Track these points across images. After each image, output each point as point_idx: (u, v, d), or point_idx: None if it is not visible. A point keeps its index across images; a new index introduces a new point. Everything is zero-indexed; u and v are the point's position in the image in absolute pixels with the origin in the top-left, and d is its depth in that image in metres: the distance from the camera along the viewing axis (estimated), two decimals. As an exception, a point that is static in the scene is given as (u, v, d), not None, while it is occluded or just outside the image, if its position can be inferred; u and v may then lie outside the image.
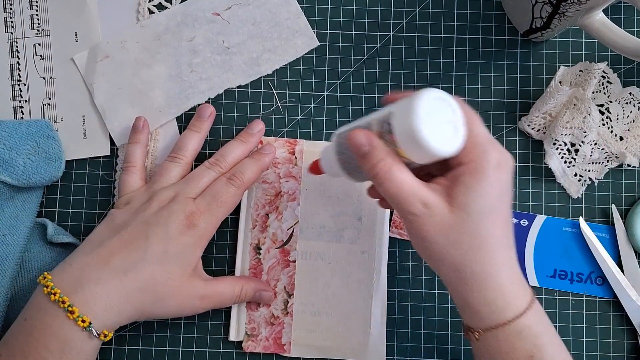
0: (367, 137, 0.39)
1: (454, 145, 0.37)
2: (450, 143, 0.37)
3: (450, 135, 0.37)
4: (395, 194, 0.38)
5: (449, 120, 0.37)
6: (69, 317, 0.41)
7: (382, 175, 0.38)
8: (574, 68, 0.52)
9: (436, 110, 0.36)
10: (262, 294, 0.50)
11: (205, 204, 0.47)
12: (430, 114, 0.36)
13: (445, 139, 0.36)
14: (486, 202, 0.37)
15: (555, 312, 0.51)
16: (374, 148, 0.39)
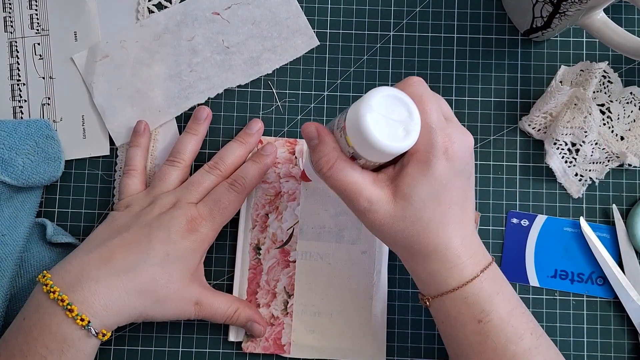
0: (317, 130, 0.40)
1: (400, 145, 0.36)
2: (398, 140, 0.36)
3: (400, 133, 0.37)
4: (339, 189, 0.39)
5: (401, 120, 0.37)
6: (68, 315, 0.41)
7: (325, 170, 0.39)
8: (574, 67, 0.52)
9: (390, 107, 0.37)
10: (254, 325, 0.49)
11: (207, 209, 0.47)
12: (382, 108, 0.36)
13: (394, 136, 0.36)
14: (430, 189, 0.38)
15: (555, 312, 0.51)
16: (322, 142, 0.39)
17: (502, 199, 0.52)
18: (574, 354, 0.50)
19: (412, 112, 0.37)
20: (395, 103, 0.37)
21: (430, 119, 0.38)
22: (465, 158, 0.39)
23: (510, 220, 0.52)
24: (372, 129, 0.36)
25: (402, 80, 0.40)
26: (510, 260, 0.51)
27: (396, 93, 0.37)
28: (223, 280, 0.51)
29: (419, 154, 0.38)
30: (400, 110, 0.37)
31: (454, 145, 0.38)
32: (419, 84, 0.39)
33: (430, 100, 0.38)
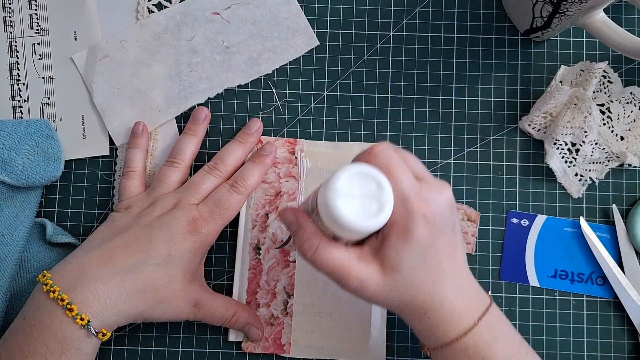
0: (294, 215, 0.39)
1: (376, 221, 0.36)
2: (371, 218, 0.36)
3: (372, 210, 0.36)
4: (327, 272, 0.38)
5: (372, 195, 0.36)
6: (68, 314, 0.41)
7: (309, 255, 0.38)
8: (574, 67, 0.52)
9: (358, 184, 0.36)
10: (252, 329, 0.49)
11: (208, 210, 0.47)
12: (350, 189, 0.36)
13: (368, 214, 0.36)
14: (416, 255, 0.38)
15: (555, 312, 0.51)
16: (300, 227, 0.39)
17: (502, 199, 0.52)
18: (574, 354, 0.50)
19: (382, 185, 0.36)
20: (363, 179, 0.36)
21: (401, 187, 0.37)
22: (444, 214, 0.38)
23: (510, 220, 0.52)
24: (344, 213, 0.35)
25: (367, 150, 0.39)
26: (510, 260, 0.51)
27: (361, 169, 0.36)
28: (223, 280, 0.51)
29: (398, 224, 0.37)
30: (369, 186, 0.36)
31: (431, 207, 0.37)
32: (384, 152, 0.38)
33: (398, 167, 0.38)
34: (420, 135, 0.53)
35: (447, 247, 0.39)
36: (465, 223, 0.52)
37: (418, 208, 0.37)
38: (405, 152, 0.40)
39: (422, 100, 0.53)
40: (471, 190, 0.52)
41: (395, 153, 0.39)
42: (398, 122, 0.53)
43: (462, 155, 0.53)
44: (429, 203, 0.37)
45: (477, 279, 0.51)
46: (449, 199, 0.39)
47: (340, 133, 0.53)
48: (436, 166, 0.52)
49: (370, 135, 0.53)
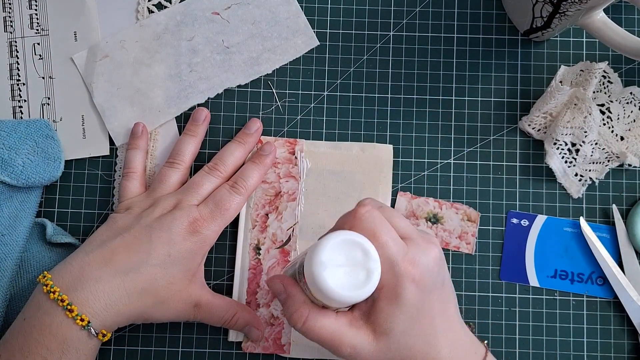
0: (283, 284, 0.39)
1: (364, 290, 0.35)
2: (359, 288, 0.35)
3: (360, 279, 0.35)
4: (319, 342, 0.38)
5: (359, 262, 0.35)
6: (68, 315, 0.41)
7: (300, 326, 0.38)
8: (574, 67, 0.52)
9: (344, 253, 0.35)
10: (252, 330, 0.49)
11: (208, 211, 0.47)
12: (336, 258, 0.35)
13: (356, 283, 0.35)
14: (407, 318, 0.37)
15: (555, 312, 0.51)
16: (289, 297, 0.39)
17: (502, 199, 0.52)
18: (574, 354, 0.50)
19: (368, 251, 0.36)
20: (348, 247, 0.36)
21: (388, 252, 0.37)
22: (433, 274, 0.38)
23: (510, 220, 0.52)
24: (332, 286, 0.35)
25: (351, 213, 0.39)
26: (510, 260, 0.51)
27: (346, 237, 0.36)
28: (223, 280, 0.51)
29: (387, 288, 0.37)
30: (355, 254, 0.36)
31: (419, 268, 0.37)
32: (368, 215, 0.38)
33: (383, 231, 0.37)
34: (420, 135, 0.53)
35: (438, 305, 0.39)
36: (465, 223, 0.52)
37: (406, 271, 0.37)
38: (390, 209, 0.40)
39: (422, 100, 0.53)
40: (471, 190, 0.52)
41: (380, 214, 0.38)
42: (398, 122, 0.53)
43: (462, 155, 0.53)
44: (417, 265, 0.37)
45: (477, 279, 0.51)
46: (436, 257, 0.38)
47: (340, 133, 0.53)
48: (436, 166, 0.52)
49: (370, 135, 0.53)
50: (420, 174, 0.52)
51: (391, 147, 0.52)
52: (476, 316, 0.51)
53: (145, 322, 0.46)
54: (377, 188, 0.52)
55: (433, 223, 0.52)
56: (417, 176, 0.52)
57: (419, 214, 0.52)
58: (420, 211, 0.52)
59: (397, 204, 0.52)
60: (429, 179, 0.52)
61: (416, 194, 0.52)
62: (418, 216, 0.52)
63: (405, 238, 0.39)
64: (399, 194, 0.52)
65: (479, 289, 0.51)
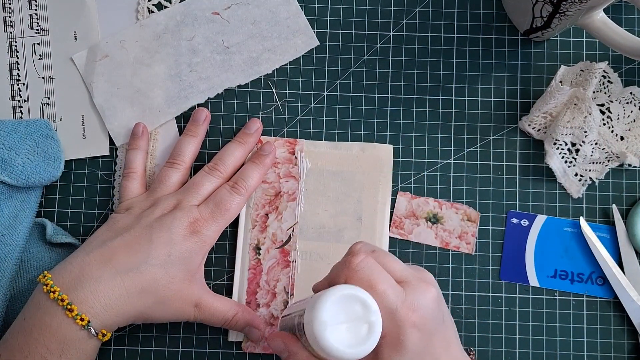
0: (284, 342, 0.39)
1: (368, 345, 0.35)
2: (362, 343, 0.35)
3: (363, 332, 0.35)
4: None
5: (359, 316, 0.35)
6: (68, 315, 0.41)
7: None
8: (574, 67, 0.52)
9: (343, 309, 0.35)
10: (253, 330, 0.49)
11: (208, 211, 0.47)
12: (336, 316, 0.35)
13: (358, 339, 0.35)
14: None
15: (555, 312, 0.51)
16: (291, 355, 0.39)
17: (502, 199, 0.52)
18: (574, 354, 0.50)
19: (368, 305, 0.35)
20: (347, 302, 0.35)
21: (387, 301, 0.36)
22: (433, 314, 0.38)
23: (510, 220, 0.52)
24: (335, 346, 0.34)
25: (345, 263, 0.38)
26: (510, 260, 0.51)
27: (344, 292, 0.35)
28: (223, 280, 0.51)
29: (389, 337, 0.37)
30: (355, 308, 0.35)
31: (419, 312, 0.37)
32: (363, 265, 0.37)
33: (379, 280, 0.37)
34: (420, 135, 0.53)
35: (441, 344, 0.39)
36: (465, 223, 0.52)
37: (407, 318, 0.36)
38: (383, 253, 0.39)
39: (422, 100, 0.53)
40: (471, 190, 0.52)
41: (374, 261, 0.38)
42: (398, 122, 0.53)
43: (462, 155, 0.53)
44: (416, 309, 0.37)
45: (477, 279, 0.51)
46: (434, 297, 0.38)
47: (340, 133, 0.53)
48: (436, 166, 0.52)
49: (370, 135, 0.53)
50: (420, 174, 0.52)
51: (391, 147, 0.52)
52: (476, 316, 0.51)
53: (145, 322, 0.46)
54: (377, 188, 0.52)
55: (433, 223, 0.52)
56: (417, 176, 0.52)
57: (419, 214, 0.52)
58: (420, 211, 0.52)
59: (397, 204, 0.52)
60: (429, 179, 0.52)
61: (416, 194, 0.52)
62: (418, 216, 0.52)
63: (401, 282, 0.38)
64: (399, 194, 0.52)
65: (479, 289, 0.51)
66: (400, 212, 0.52)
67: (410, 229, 0.52)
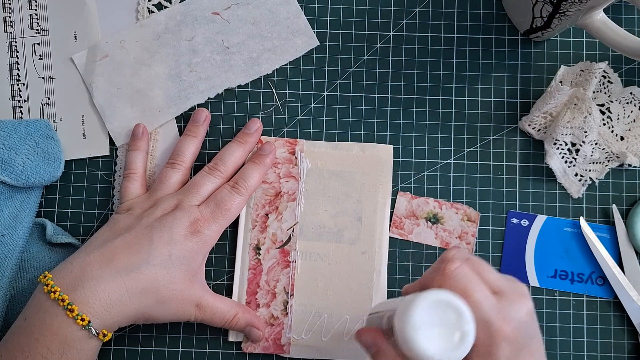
0: (372, 338, 0.39)
1: (459, 352, 0.35)
2: (454, 350, 0.35)
3: (454, 340, 0.35)
4: None
5: (452, 324, 0.35)
6: (69, 315, 0.41)
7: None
8: (574, 68, 0.52)
9: (436, 314, 0.35)
10: (253, 330, 0.49)
11: (209, 211, 0.47)
12: (429, 320, 0.35)
13: (449, 346, 0.35)
14: None
15: (555, 312, 0.51)
16: (379, 352, 0.38)
17: (502, 199, 0.52)
18: (574, 354, 0.50)
19: (462, 313, 0.35)
20: (441, 308, 0.35)
21: (481, 311, 0.36)
22: (527, 328, 0.37)
23: (510, 220, 0.52)
24: (426, 349, 0.34)
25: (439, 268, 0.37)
26: (510, 260, 0.51)
27: (438, 297, 0.35)
28: (223, 280, 0.51)
29: (480, 347, 0.36)
30: (448, 314, 0.35)
31: (512, 325, 0.36)
32: (459, 272, 0.37)
33: (475, 288, 0.36)
34: (420, 135, 0.53)
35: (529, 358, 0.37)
36: (465, 223, 0.52)
37: (500, 330, 0.36)
38: (479, 261, 0.38)
39: (422, 100, 0.53)
40: (471, 190, 0.52)
41: (470, 270, 0.37)
42: (398, 122, 0.53)
43: (462, 155, 0.53)
44: (510, 322, 0.36)
45: (477, 279, 0.51)
46: (529, 311, 0.37)
47: (340, 133, 0.53)
48: (436, 166, 0.52)
49: (370, 135, 0.53)
50: (420, 174, 0.52)
51: (391, 147, 0.52)
52: (476, 316, 0.51)
53: (146, 322, 0.46)
54: (377, 188, 0.52)
55: (433, 223, 0.52)
56: (417, 176, 0.52)
57: (419, 214, 0.52)
58: (420, 211, 0.52)
59: (397, 204, 0.52)
60: (429, 179, 0.52)
61: (416, 194, 0.52)
62: (418, 216, 0.52)
63: (496, 292, 0.37)
64: (399, 194, 0.52)
65: (479, 289, 0.51)
66: (400, 212, 0.52)
67: (410, 229, 0.52)
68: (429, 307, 0.35)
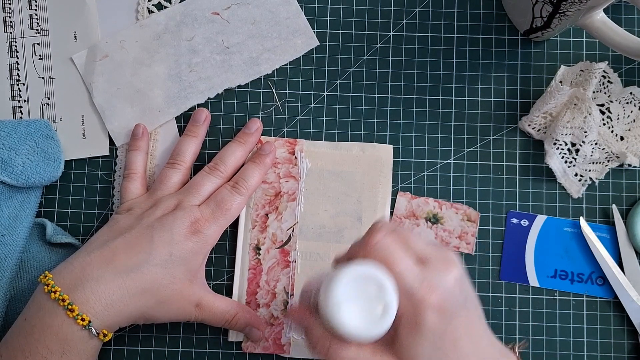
0: (301, 317, 0.39)
1: (381, 326, 0.35)
2: (376, 324, 0.35)
3: (377, 314, 0.35)
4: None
5: (375, 296, 0.35)
6: (69, 315, 0.41)
7: (323, 356, 0.37)
8: (574, 68, 0.52)
9: (358, 289, 0.35)
10: (253, 330, 0.49)
11: (209, 211, 0.47)
12: (351, 295, 0.35)
13: (372, 319, 0.35)
14: (430, 345, 0.36)
15: (555, 312, 0.51)
16: (308, 329, 0.38)
17: (502, 199, 0.52)
18: (574, 354, 0.50)
19: (383, 285, 0.35)
20: (363, 281, 0.35)
21: (404, 282, 0.35)
22: (454, 296, 0.36)
23: (510, 220, 0.52)
24: (348, 325, 0.34)
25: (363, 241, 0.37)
26: (510, 260, 0.51)
27: (360, 271, 0.35)
28: (223, 280, 0.51)
29: (406, 317, 0.36)
30: (370, 287, 0.35)
31: (438, 293, 0.35)
32: (382, 244, 0.36)
33: (397, 259, 0.36)
34: (420, 135, 0.53)
35: (462, 326, 0.37)
36: (465, 223, 0.52)
37: (424, 300, 0.35)
38: (404, 231, 0.38)
39: (422, 100, 0.53)
40: (471, 190, 0.52)
41: (393, 240, 0.37)
42: (398, 122, 0.53)
43: (462, 155, 0.53)
44: (436, 290, 0.36)
45: (477, 279, 0.51)
46: (456, 277, 0.37)
47: (340, 133, 0.53)
48: (436, 166, 0.52)
49: (370, 135, 0.53)
50: (420, 174, 0.52)
51: (391, 147, 0.52)
52: (476, 316, 0.51)
53: (146, 322, 0.46)
54: (377, 188, 0.52)
55: (433, 223, 0.52)
56: (417, 176, 0.52)
57: (419, 214, 0.52)
58: (420, 211, 0.52)
59: (397, 204, 0.52)
60: (429, 179, 0.52)
61: (416, 194, 0.52)
62: (418, 216, 0.52)
63: (423, 261, 0.37)
64: (399, 194, 0.52)
65: (479, 289, 0.51)
66: (400, 212, 0.52)
67: (410, 229, 0.52)
68: (350, 283, 0.35)
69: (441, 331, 0.36)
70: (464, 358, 0.37)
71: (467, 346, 0.37)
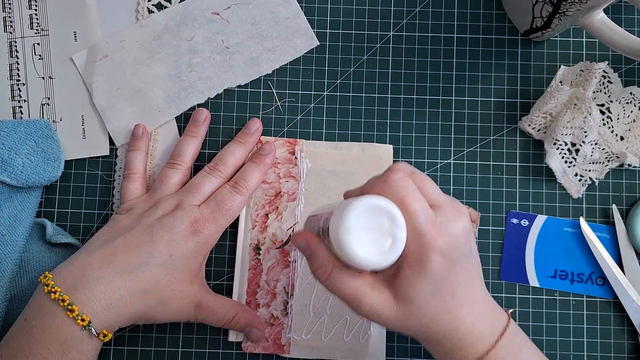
0: (307, 241, 0.39)
1: (388, 258, 0.35)
2: (383, 255, 0.35)
3: (385, 246, 0.35)
4: (340, 297, 0.38)
5: (385, 230, 0.35)
6: (69, 315, 0.41)
7: (323, 280, 0.38)
8: (574, 68, 0.52)
9: (371, 219, 0.35)
10: (253, 330, 0.49)
11: (209, 211, 0.47)
12: (362, 224, 0.35)
13: (380, 250, 0.35)
14: (430, 287, 0.37)
15: (555, 312, 0.51)
16: (313, 253, 0.39)
17: (502, 199, 0.52)
18: (574, 354, 0.50)
19: (396, 219, 0.35)
20: (376, 213, 0.35)
21: (416, 221, 0.36)
22: (460, 244, 0.37)
23: (510, 221, 0.52)
24: (356, 251, 0.35)
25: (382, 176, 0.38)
26: (510, 260, 0.51)
27: (374, 202, 0.35)
28: (223, 280, 0.51)
29: (412, 257, 0.37)
30: (382, 220, 0.35)
31: (446, 239, 0.36)
32: (399, 182, 0.37)
33: (413, 198, 0.36)
34: (420, 135, 0.53)
35: (462, 275, 0.38)
36: (465, 223, 0.52)
37: (432, 242, 0.36)
38: (422, 176, 0.39)
39: (422, 100, 0.53)
40: (471, 190, 0.52)
41: (411, 181, 0.37)
42: (398, 122, 0.53)
43: (462, 155, 0.53)
44: (444, 235, 0.36)
45: (477, 279, 0.51)
46: (464, 228, 0.38)
47: (340, 133, 0.53)
48: (436, 166, 0.52)
49: (370, 135, 0.53)
50: (420, 174, 0.52)
51: (391, 147, 0.52)
52: (476, 316, 0.51)
53: (146, 322, 0.46)
54: (377, 188, 0.52)
55: (433, 223, 0.52)
56: (417, 176, 0.52)
57: (419, 214, 0.52)
58: (420, 211, 0.52)
59: (397, 204, 0.52)
60: (429, 179, 0.52)
61: (416, 194, 0.52)
62: (418, 216, 0.52)
63: (434, 206, 0.38)
64: (399, 194, 0.52)
65: (479, 289, 0.51)
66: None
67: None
68: (363, 212, 0.35)
69: (443, 276, 0.37)
70: (460, 305, 0.38)
71: (464, 295, 0.39)
